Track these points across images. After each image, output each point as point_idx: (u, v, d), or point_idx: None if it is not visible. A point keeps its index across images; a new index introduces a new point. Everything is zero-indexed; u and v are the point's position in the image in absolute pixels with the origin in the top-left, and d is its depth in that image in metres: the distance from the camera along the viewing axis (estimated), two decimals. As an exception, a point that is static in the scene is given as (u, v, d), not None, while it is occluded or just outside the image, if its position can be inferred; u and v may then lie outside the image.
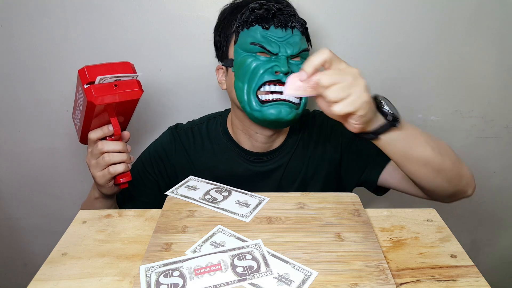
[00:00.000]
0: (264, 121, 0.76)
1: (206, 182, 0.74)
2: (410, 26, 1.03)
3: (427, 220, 0.64)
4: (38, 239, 1.31)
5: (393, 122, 0.62)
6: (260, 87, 0.75)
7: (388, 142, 0.64)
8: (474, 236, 1.37)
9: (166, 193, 0.70)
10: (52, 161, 1.18)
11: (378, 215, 0.65)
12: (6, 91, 1.08)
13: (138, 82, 0.67)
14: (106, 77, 0.63)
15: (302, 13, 0.99)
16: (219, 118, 0.92)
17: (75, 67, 1.02)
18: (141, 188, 0.89)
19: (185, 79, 1.07)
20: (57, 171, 1.19)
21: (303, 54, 0.77)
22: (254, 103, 0.75)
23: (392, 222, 0.64)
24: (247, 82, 0.75)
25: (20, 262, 1.36)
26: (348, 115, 0.58)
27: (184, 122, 0.94)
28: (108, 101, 0.64)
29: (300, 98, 0.77)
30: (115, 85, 0.64)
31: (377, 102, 0.63)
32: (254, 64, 0.74)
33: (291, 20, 0.75)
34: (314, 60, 0.55)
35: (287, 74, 0.72)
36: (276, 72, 0.73)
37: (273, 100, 0.74)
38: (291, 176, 0.88)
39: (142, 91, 0.67)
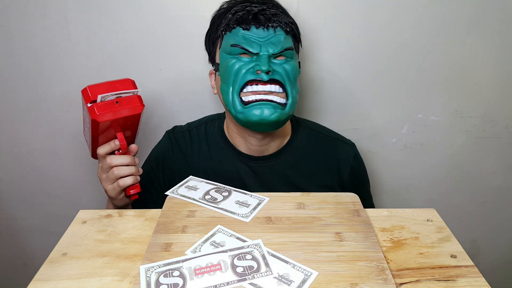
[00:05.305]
0: (248, 123, 0.74)
1: (206, 182, 0.74)
2: (410, 26, 1.03)
3: (427, 220, 0.64)
4: (38, 239, 1.30)
5: None
6: (243, 88, 0.74)
7: None
8: (474, 236, 1.37)
9: (166, 193, 0.70)
10: (52, 161, 1.18)
11: (378, 215, 0.65)
12: (6, 91, 1.08)
13: (139, 97, 0.70)
14: (107, 95, 0.65)
15: (302, 13, 1.00)
16: (217, 120, 0.91)
17: (75, 67, 1.04)
18: (148, 195, 0.89)
19: (185, 79, 1.07)
20: (57, 171, 1.19)
21: (287, 52, 0.75)
22: (238, 105, 0.74)
23: (392, 222, 0.64)
24: (231, 84, 0.74)
25: (20, 262, 1.36)
26: None
27: (184, 123, 0.94)
28: (110, 117, 0.66)
29: (286, 98, 0.75)
30: (117, 102, 0.66)
31: None
32: (236, 66, 0.73)
33: (273, 20, 0.74)
34: None
35: (268, 73, 0.72)
36: (257, 71, 0.72)
37: (256, 101, 0.73)
38: (289, 188, 0.85)
39: (143, 105, 0.70)
